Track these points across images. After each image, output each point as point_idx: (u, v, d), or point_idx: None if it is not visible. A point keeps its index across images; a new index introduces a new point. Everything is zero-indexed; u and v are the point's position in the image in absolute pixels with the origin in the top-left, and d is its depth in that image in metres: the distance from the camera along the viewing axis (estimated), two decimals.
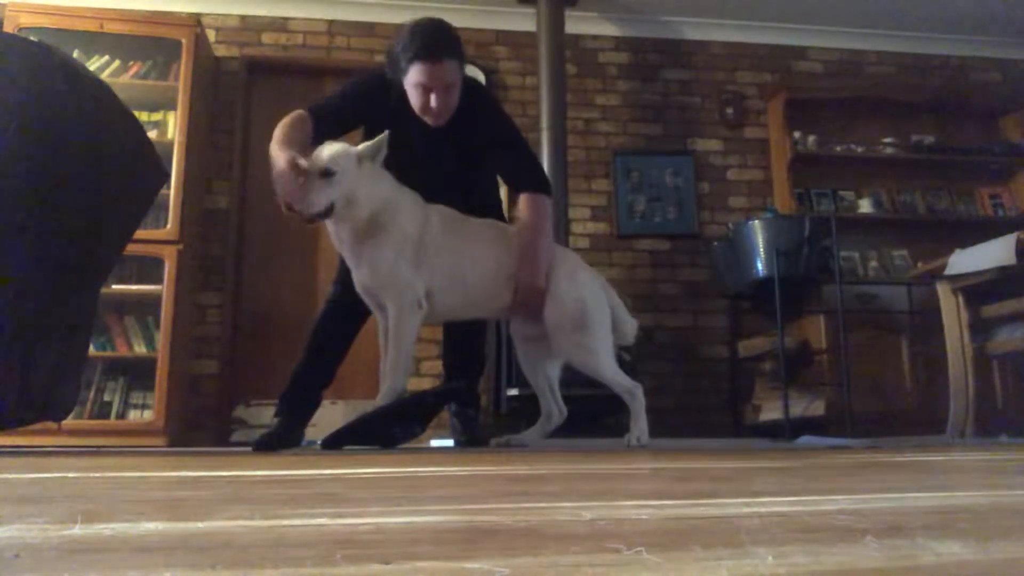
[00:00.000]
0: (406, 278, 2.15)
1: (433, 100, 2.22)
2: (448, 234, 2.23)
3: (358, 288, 2.24)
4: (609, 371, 2.27)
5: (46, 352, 1.93)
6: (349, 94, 2.36)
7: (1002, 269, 2.97)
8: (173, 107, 3.91)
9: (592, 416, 3.51)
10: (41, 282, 1.89)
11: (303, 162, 2.07)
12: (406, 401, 2.19)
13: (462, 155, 2.40)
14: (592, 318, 2.27)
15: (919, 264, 3.91)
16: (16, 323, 1.84)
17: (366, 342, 4.33)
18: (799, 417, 3.79)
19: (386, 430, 2.16)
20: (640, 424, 2.27)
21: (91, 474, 1.12)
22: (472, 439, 2.55)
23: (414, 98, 2.26)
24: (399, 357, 2.16)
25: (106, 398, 3.67)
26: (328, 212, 2.10)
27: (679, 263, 4.59)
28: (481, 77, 4.35)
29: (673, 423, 4.20)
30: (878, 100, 4.78)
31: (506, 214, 2.79)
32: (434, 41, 2.19)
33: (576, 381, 2.60)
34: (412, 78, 2.22)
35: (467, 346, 2.60)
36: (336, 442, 2.12)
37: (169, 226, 3.72)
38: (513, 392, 3.62)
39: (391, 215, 2.15)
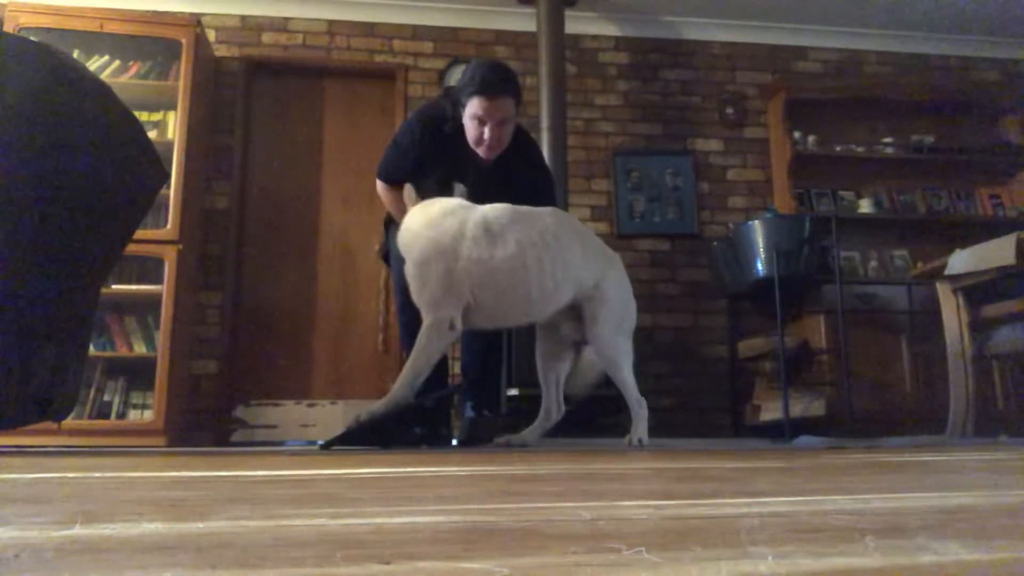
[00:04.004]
0: (432, 301, 2.17)
1: (487, 133, 2.39)
2: (490, 243, 2.17)
3: None
4: (629, 376, 2.33)
5: (46, 352, 1.93)
6: (405, 144, 2.53)
7: (1002, 269, 2.97)
8: (173, 107, 3.91)
9: (592, 416, 3.51)
10: (41, 282, 1.89)
11: None
12: (402, 409, 2.17)
13: (507, 192, 2.49)
14: (629, 326, 2.40)
15: (919, 264, 3.91)
16: (16, 323, 1.84)
17: (365, 343, 4.34)
18: (799, 417, 3.79)
19: (383, 433, 2.16)
20: (641, 428, 2.30)
21: (91, 474, 1.12)
22: (471, 439, 2.55)
23: (470, 130, 2.42)
24: (413, 371, 2.15)
25: (106, 398, 3.67)
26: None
27: (679, 263, 4.59)
28: None
29: (673, 423, 4.20)
30: (878, 100, 4.77)
31: None
32: (494, 78, 2.38)
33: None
34: (470, 110, 2.39)
35: (483, 346, 2.61)
36: (334, 446, 2.12)
37: (169, 226, 3.72)
38: (513, 392, 3.62)
39: (412, 238, 2.22)
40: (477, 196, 2.37)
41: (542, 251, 2.20)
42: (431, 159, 2.48)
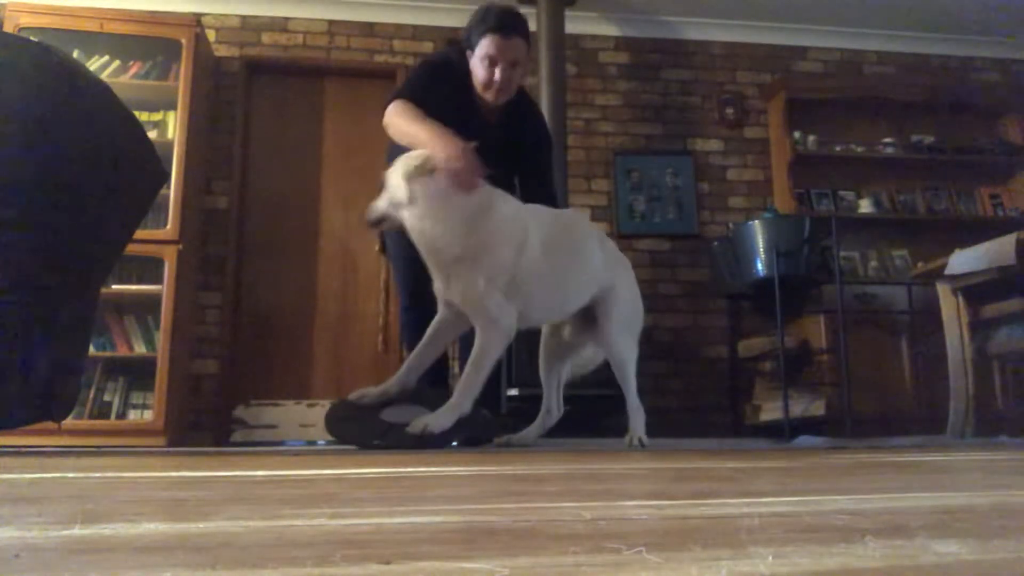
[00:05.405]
0: (498, 307, 2.04)
1: (497, 73, 2.32)
2: (547, 251, 2.13)
3: (441, 296, 2.15)
4: (633, 376, 2.33)
5: (46, 352, 1.93)
6: (426, 81, 2.38)
7: (1002, 269, 2.97)
8: (173, 107, 3.91)
9: (592, 416, 3.51)
10: (41, 282, 1.89)
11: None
12: (464, 426, 2.08)
13: (509, 155, 2.43)
14: (637, 328, 2.41)
15: (919, 264, 3.91)
16: (17, 322, 1.84)
17: (365, 343, 4.34)
18: (799, 417, 3.79)
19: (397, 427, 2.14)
20: (640, 427, 2.31)
21: (91, 474, 1.12)
22: (471, 439, 2.54)
23: (480, 72, 2.34)
24: (475, 380, 2.04)
25: (106, 398, 3.67)
26: (380, 223, 2.15)
27: (679, 263, 4.59)
28: None
29: (673, 423, 4.20)
30: (878, 100, 4.77)
31: None
32: (507, 18, 2.34)
33: (577, 382, 2.61)
34: (481, 51, 2.33)
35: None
36: (338, 419, 2.12)
37: (169, 226, 3.72)
38: (513, 392, 3.63)
39: (483, 239, 2.03)
40: (480, 152, 2.31)
41: (571, 253, 2.23)
42: (437, 107, 2.29)
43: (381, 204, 2.11)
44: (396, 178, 2.06)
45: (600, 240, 2.38)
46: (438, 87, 2.35)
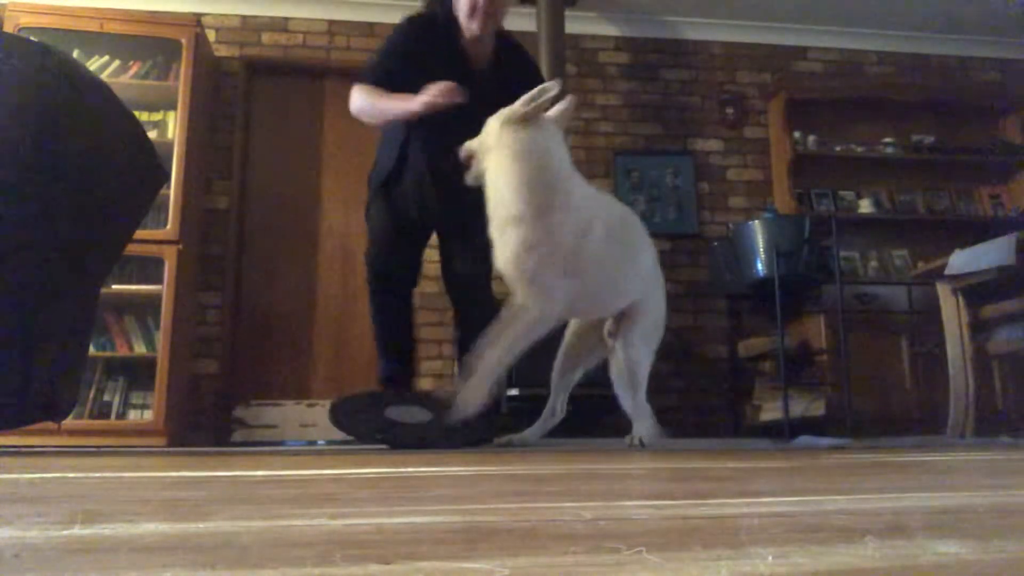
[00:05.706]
0: (550, 284, 1.97)
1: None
2: (609, 243, 2.11)
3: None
4: (644, 384, 2.34)
5: (46, 352, 1.93)
6: (397, 50, 2.39)
7: (1002, 269, 2.96)
8: (173, 107, 3.91)
9: (592, 416, 3.51)
10: (41, 282, 1.89)
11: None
12: (467, 428, 2.07)
13: (503, 104, 2.41)
14: (657, 339, 2.40)
15: (919, 264, 3.91)
16: (16, 323, 1.84)
17: (365, 343, 4.33)
18: (799, 417, 3.79)
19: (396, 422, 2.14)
20: (641, 429, 2.31)
21: (91, 474, 1.12)
22: (471, 439, 2.54)
23: (464, 1, 2.35)
24: (499, 362, 1.97)
25: (106, 398, 3.67)
26: (468, 161, 2.10)
27: (679, 263, 4.59)
28: None
29: (673, 423, 4.19)
30: (878, 100, 4.77)
31: None
32: None
33: (577, 381, 2.61)
34: None
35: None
36: (343, 412, 2.12)
37: (169, 226, 3.72)
38: (513, 392, 3.62)
39: (546, 212, 1.96)
40: (472, 110, 2.22)
41: (628, 249, 2.23)
42: (423, 61, 2.31)
43: (474, 143, 2.08)
44: (492, 122, 2.06)
45: (649, 240, 2.39)
46: (418, 46, 2.36)
